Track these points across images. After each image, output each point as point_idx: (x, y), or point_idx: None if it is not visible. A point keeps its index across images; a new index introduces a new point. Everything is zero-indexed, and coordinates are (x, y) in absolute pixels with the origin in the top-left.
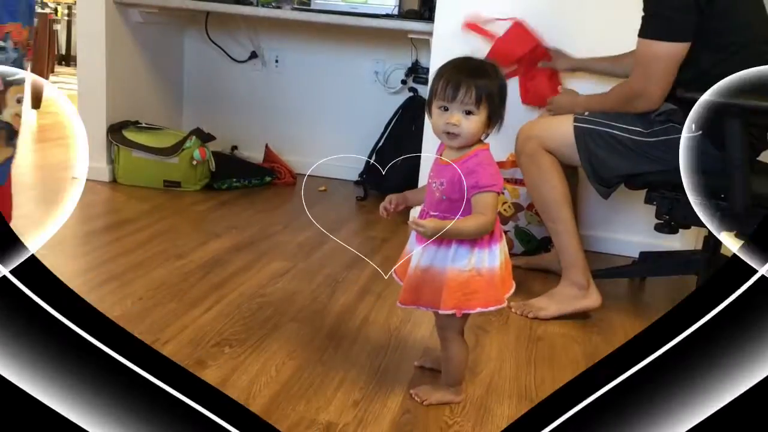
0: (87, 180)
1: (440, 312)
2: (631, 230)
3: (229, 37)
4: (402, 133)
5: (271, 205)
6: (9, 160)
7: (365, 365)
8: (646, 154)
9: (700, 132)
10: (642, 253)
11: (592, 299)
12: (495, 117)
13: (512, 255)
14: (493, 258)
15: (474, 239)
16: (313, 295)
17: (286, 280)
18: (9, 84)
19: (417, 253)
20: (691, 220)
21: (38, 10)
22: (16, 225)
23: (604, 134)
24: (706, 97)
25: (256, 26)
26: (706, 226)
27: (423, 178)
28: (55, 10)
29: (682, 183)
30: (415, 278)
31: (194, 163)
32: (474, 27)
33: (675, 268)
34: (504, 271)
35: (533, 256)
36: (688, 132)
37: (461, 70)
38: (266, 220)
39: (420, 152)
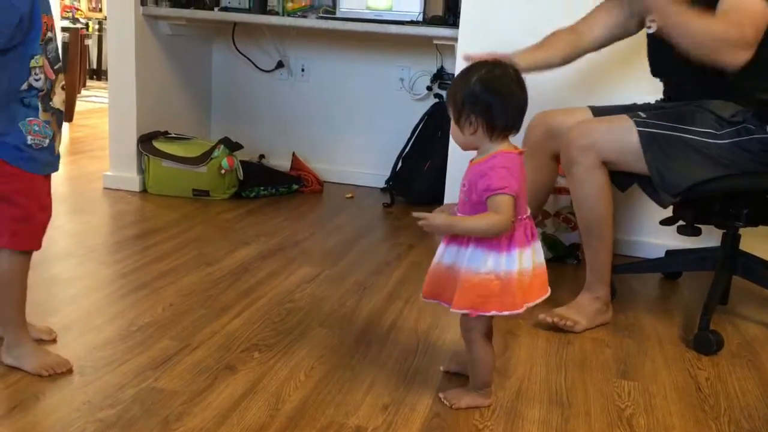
0: (118, 190)
1: (452, 310)
2: (652, 233)
3: (255, 47)
4: (428, 140)
5: (299, 212)
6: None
7: (394, 369)
8: (719, 157)
9: None
10: (668, 252)
11: (608, 315)
12: (460, 120)
13: None
14: (512, 262)
15: (492, 242)
16: (341, 301)
17: (314, 285)
18: (56, 72)
19: (441, 249)
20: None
21: (70, 25)
22: (48, 234)
23: (672, 138)
24: None
25: (282, 36)
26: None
27: (450, 185)
28: (87, 25)
29: (746, 187)
30: (437, 273)
31: (222, 172)
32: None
33: (694, 264)
34: (531, 277)
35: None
36: (762, 132)
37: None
38: (294, 227)
39: (446, 158)
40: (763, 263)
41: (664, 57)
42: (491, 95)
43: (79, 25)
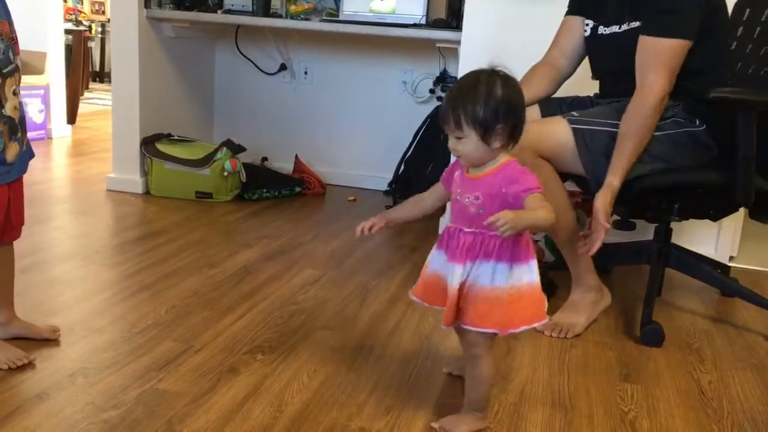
0: (121, 192)
1: (483, 331)
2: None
3: (258, 49)
4: (430, 143)
5: (301, 215)
6: (23, 156)
7: (397, 372)
8: (653, 150)
9: (704, 126)
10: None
11: (607, 298)
12: (489, 136)
13: (544, 264)
14: (532, 273)
15: (515, 253)
16: (344, 303)
17: (317, 288)
18: (5, 76)
19: (457, 271)
20: (682, 216)
21: (73, 27)
22: (51, 236)
23: (607, 135)
24: (717, 91)
25: (285, 39)
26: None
27: None
28: (90, 28)
29: (681, 182)
30: (455, 297)
31: (225, 174)
32: None
33: (629, 258)
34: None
35: None
36: (691, 126)
37: (449, 96)
38: (296, 229)
39: (449, 161)
40: (695, 255)
41: (602, 60)
42: (522, 102)
43: (82, 28)
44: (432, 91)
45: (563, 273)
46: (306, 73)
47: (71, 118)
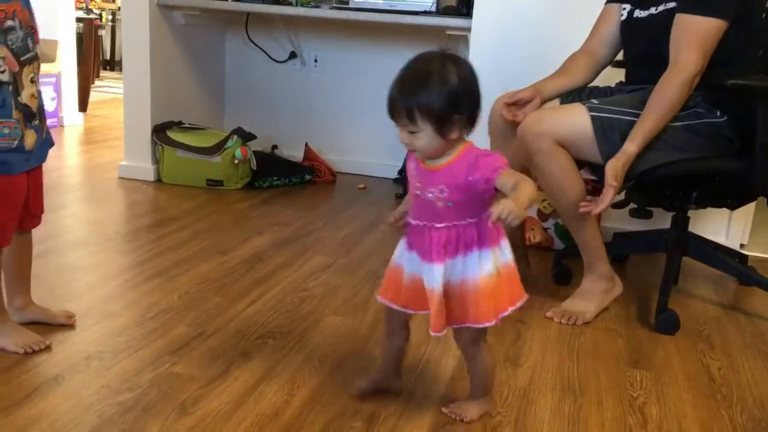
0: (133, 179)
1: (482, 326)
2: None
3: (269, 37)
4: None
5: (312, 202)
6: (42, 144)
7: (407, 357)
8: (671, 141)
9: (725, 118)
10: (616, 234)
11: (618, 287)
12: (444, 127)
13: (553, 251)
14: (507, 251)
15: (491, 238)
16: (354, 290)
17: (328, 274)
18: (23, 64)
19: (437, 271)
20: (700, 205)
21: (83, 15)
22: (64, 223)
23: (625, 123)
24: (738, 80)
25: (295, 26)
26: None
27: None
28: (100, 15)
29: (698, 171)
30: (440, 299)
31: (236, 162)
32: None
33: (646, 246)
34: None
35: None
36: (712, 117)
37: (398, 87)
38: (307, 217)
39: None
40: (713, 244)
41: (633, 42)
42: (477, 83)
43: (92, 16)
44: None
45: (577, 261)
46: (316, 60)
47: (83, 106)
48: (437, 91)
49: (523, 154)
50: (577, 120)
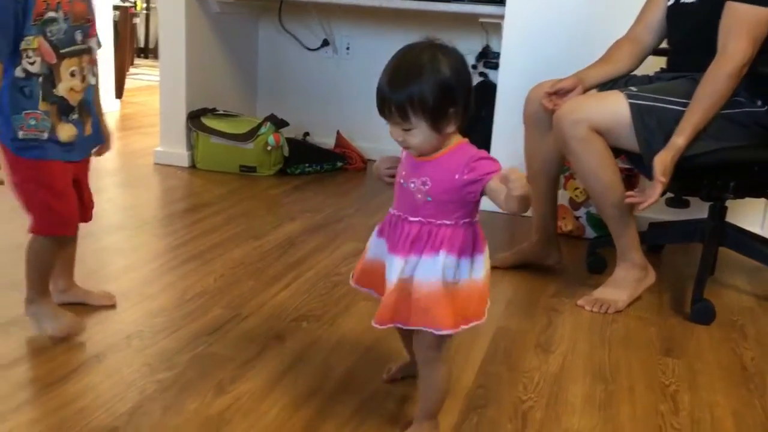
0: (168, 165)
1: (441, 332)
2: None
3: (301, 25)
4: (471, 118)
5: (343, 189)
6: (84, 139)
7: None
8: (710, 130)
9: (766, 108)
10: (651, 224)
11: (651, 276)
12: (440, 121)
13: (585, 240)
14: (481, 268)
15: (462, 247)
16: None
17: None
18: (62, 56)
19: (396, 264)
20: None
21: (119, 3)
22: (102, 207)
23: (664, 111)
24: None
25: (327, 14)
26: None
27: None
28: (135, 3)
29: (737, 160)
30: (392, 293)
31: (269, 148)
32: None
33: (682, 236)
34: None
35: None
36: (752, 107)
37: (388, 82)
38: (338, 203)
39: (490, 136)
40: (750, 235)
41: (678, 29)
42: (468, 72)
43: (128, 4)
44: (474, 67)
45: (610, 250)
46: (348, 48)
47: (119, 92)
48: (431, 83)
49: (559, 141)
50: (615, 107)
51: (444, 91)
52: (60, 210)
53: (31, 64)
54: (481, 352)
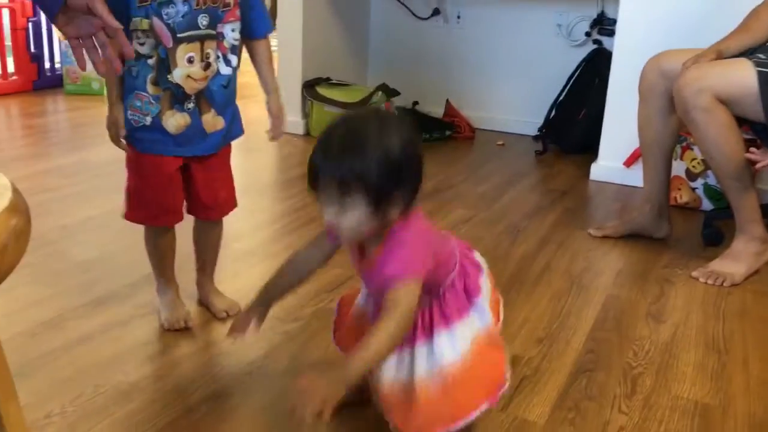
0: (284, 133)
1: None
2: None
3: None
4: (584, 88)
5: (452, 157)
6: (205, 136)
7: (547, 308)
8: None
9: None
10: None
11: None
12: (381, 204)
13: (701, 212)
14: (474, 324)
15: (446, 317)
16: (495, 242)
17: (469, 227)
18: (179, 41)
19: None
20: None
21: None
22: None
23: None
24: None
25: None
26: None
27: (606, 135)
28: None
29: None
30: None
31: None
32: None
33: None
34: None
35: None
36: None
37: (324, 150)
38: (447, 171)
39: (602, 109)
40: None
41: None
42: (421, 154)
43: None
44: (588, 34)
45: (728, 222)
46: (459, 17)
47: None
48: (376, 159)
49: (680, 111)
50: (741, 75)
51: (391, 168)
52: (148, 201)
53: (141, 45)
54: (591, 318)
